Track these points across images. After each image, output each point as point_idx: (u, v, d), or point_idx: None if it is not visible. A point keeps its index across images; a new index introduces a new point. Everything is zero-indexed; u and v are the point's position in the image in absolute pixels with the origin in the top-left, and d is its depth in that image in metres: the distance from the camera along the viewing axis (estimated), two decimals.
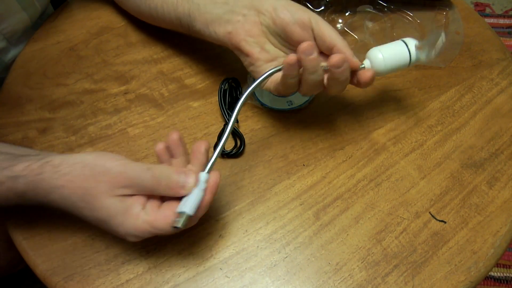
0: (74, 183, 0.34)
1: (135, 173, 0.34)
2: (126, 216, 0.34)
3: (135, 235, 0.35)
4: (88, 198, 0.34)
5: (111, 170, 0.34)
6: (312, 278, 0.39)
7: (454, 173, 0.45)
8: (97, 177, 0.34)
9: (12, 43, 0.57)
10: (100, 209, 0.34)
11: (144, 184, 0.34)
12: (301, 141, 0.48)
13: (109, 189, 0.34)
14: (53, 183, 0.35)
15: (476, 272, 0.39)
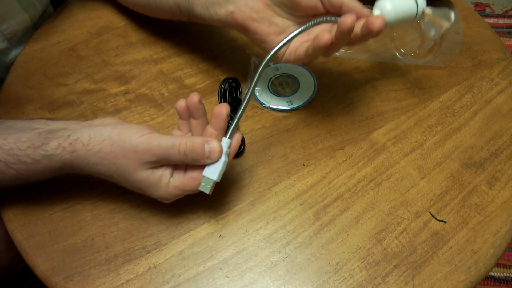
0: (107, 160, 0.37)
1: (161, 150, 0.36)
2: (159, 185, 0.37)
3: (169, 198, 0.38)
4: (122, 173, 0.37)
5: (137, 147, 0.36)
6: (312, 278, 0.39)
7: (454, 173, 0.45)
8: (126, 154, 0.36)
9: (13, 44, 0.57)
10: (135, 181, 0.37)
11: (172, 159, 0.37)
12: (301, 141, 0.48)
13: (140, 165, 0.37)
14: (88, 161, 0.37)
15: (476, 272, 0.39)
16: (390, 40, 0.57)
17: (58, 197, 0.43)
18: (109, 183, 0.44)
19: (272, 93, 0.51)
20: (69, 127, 0.39)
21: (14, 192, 0.44)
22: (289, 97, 0.51)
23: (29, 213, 0.42)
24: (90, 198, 0.43)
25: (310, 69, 0.53)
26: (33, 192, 0.44)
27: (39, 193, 0.44)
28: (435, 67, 0.55)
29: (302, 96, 0.51)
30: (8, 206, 0.43)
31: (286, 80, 0.53)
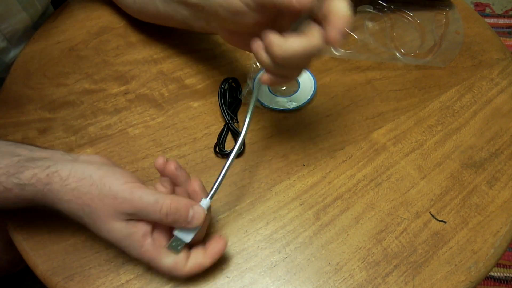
0: (81, 199, 0.34)
1: (142, 204, 0.34)
2: (130, 241, 0.34)
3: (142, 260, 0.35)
4: (94, 218, 0.35)
5: (117, 194, 0.34)
6: (312, 278, 0.39)
7: (454, 173, 0.45)
8: (104, 199, 0.34)
9: (13, 43, 0.57)
10: (105, 231, 0.35)
11: (150, 216, 0.34)
12: (301, 141, 0.48)
13: (114, 214, 0.34)
14: (61, 196, 0.35)
15: (476, 272, 0.39)
16: (390, 40, 0.57)
17: None
18: None
19: (272, 93, 0.51)
20: (53, 157, 0.37)
21: None
22: (289, 97, 0.51)
23: (29, 213, 0.42)
24: None
25: (310, 69, 0.53)
26: None
27: None
28: (435, 67, 0.55)
29: (302, 96, 0.51)
30: None
31: None
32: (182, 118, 0.50)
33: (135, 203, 0.34)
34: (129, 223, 0.34)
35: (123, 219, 0.34)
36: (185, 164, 0.46)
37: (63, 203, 0.35)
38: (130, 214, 0.34)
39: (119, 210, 0.34)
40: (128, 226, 0.34)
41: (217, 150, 0.46)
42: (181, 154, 0.47)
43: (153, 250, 0.35)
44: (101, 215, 0.34)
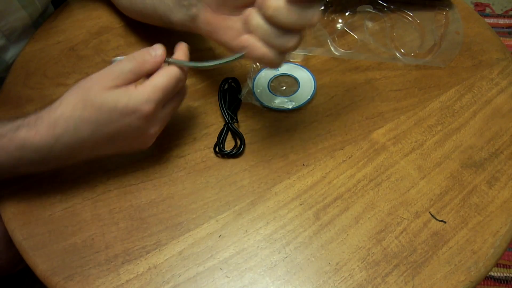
0: (70, 101, 0.37)
1: (116, 65, 0.37)
2: (128, 92, 0.36)
3: (146, 101, 0.37)
4: (89, 103, 0.36)
5: (94, 76, 0.37)
6: (312, 278, 0.39)
7: (454, 173, 0.45)
8: (86, 85, 0.37)
9: (11, 41, 0.57)
10: (104, 103, 0.36)
11: (128, 67, 0.37)
12: (301, 141, 0.48)
13: (102, 86, 0.36)
14: (53, 114, 0.37)
15: (476, 272, 0.39)
16: (390, 40, 0.57)
17: (58, 197, 0.43)
18: (109, 183, 0.44)
19: (272, 93, 0.51)
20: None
21: (14, 192, 0.44)
22: (289, 97, 0.51)
23: (29, 213, 0.42)
24: (90, 198, 0.43)
25: (310, 69, 0.53)
26: (33, 192, 0.44)
27: (39, 193, 0.44)
28: (435, 67, 0.55)
29: (302, 96, 0.51)
30: (8, 206, 0.43)
31: (286, 80, 0.53)
32: (182, 118, 0.50)
33: (111, 68, 0.37)
34: (118, 86, 0.37)
35: (111, 85, 0.36)
36: (185, 164, 0.46)
37: (58, 121, 0.37)
38: (114, 79, 0.37)
39: (104, 81, 0.36)
40: (118, 87, 0.37)
41: (217, 150, 0.46)
42: (181, 154, 0.47)
43: (146, 82, 0.38)
44: (92, 95, 0.36)
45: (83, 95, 0.37)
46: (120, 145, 0.40)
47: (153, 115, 0.38)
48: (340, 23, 0.58)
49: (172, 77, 0.38)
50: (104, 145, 0.39)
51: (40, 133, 0.37)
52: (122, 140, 0.39)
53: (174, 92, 0.40)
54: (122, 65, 0.37)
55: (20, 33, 0.58)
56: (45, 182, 0.44)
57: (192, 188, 0.44)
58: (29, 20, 0.57)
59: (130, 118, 0.37)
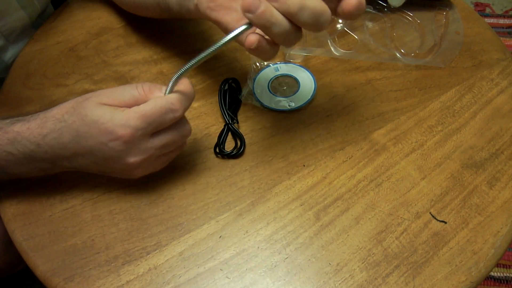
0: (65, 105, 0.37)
1: (123, 86, 0.37)
2: (113, 112, 0.36)
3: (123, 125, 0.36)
4: (77, 112, 0.36)
5: (99, 90, 0.37)
6: (313, 279, 0.39)
7: (454, 173, 0.45)
8: (87, 96, 0.37)
9: (10, 41, 0.57)
10: (89, 116, 0.36)
11: (132, 93, 0.37)
12: (301, 141, 0.48)
13: (97, 100, 0.36)
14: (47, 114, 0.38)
15: (477, 272, 0.39)
16: (390, 40, 0.57)
17: (58, 198, 0.43)
18: (109, 183, 0.44)
19: (272, 93, 0.51)
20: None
21: (14, 193, 0.44)
22: (289, 98, 0.51)
23: (29, 214, 0.42)
24: (90, 199, 0.43)
25: (310, 69, 0.53)
26: (33, 193, 0.44)
27: (39, 194, 0.44)
28: (435, 67, 0.55)
29: (302, 97, 0.51)
30: (8, 207, 0.43)
31: (286, 81, 0.53)
32: None
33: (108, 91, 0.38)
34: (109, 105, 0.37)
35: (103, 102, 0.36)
36: (185, 164, 0.46)
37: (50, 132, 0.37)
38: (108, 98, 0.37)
39: (98, 99, 0.36)
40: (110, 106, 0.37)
41: (217, 151, 0.46)
42: (181, 155, 0.46)
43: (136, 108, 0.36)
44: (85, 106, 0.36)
45: (77, 103, 0.37)
46: (100, 164, 0.38)
47: (131, 142, 0.36)
48: (340, 23, 0.58)
49: (158, 106, 0.36)
50: (84, 159, 0.38)
51: (31, 128, 0.37)
52: (101, 160, 0.38)
53: (163, 124, 0.37)
54: (128, 88, 0.37)
55: (19, 33, 0.58)
56: (45, 183, 0.44)
57: (193, 189, 0.44)
58: (28, 20, 0.57)
59: (106, 138, 0.36)
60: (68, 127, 0.37)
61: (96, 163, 0.38)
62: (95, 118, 0.36)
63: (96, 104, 0.36)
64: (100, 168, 0.40)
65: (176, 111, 0.37)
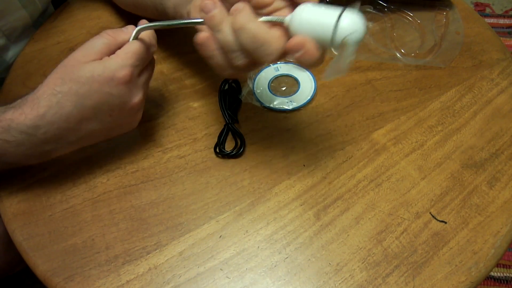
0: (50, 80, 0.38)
1: (89, 41, 0.38)
2: (102, 62, 0.37)
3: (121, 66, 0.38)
4: (67, 78, 0.37)
5: (70, 55, 0.38)
6: (313, 279, 0.39)
7: (454, 173, 0.45)
8: (64, 63, 0.38)
9: (12, 40, 0.57)
10: (82, 75, 0.37)
11: (101, 41, 0.38)
12: (301, 141, 0.48)
13: (77, 61, 0.37)
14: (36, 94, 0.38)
15: (477, 272, 0.39)
16: (390, 40, 0.57)
17: (58, 198, 0.43)
18: (109, 183, 0.44)
19: (272, 93, 0.51)
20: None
21: (14, 193, 0.44)
22: (289, 97, 0.51)
23: (29, 213, 0.42)
24: (90, 199, 0.43)
25: (310, 69, 0.53)
26: (33, 192, 0.44)
27: (39, 194, 0.44)
28: (435, 67, 0.55)
29: (302, 96, 0.51)
30: (8, 207, 0.43)
31: (286, 80, 0.53)
32: (182, 119, 0.50)
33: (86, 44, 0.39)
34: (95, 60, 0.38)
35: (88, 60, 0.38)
36: (185, 164, 0.46)
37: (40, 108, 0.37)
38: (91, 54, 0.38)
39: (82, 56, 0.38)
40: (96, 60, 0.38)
41: (217, 151, 0.46)
42: (181, 155, 0.47)
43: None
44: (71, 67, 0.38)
45: (61, 72, 0.38)
46: (107, 120, 0.40)
47: (131, 81, 0.39)
48: None
49: (142, 44, 0.39)
50: (91, 122, 0.39)
51: (25, 113, 0.37)
52: (108, 114, 0.39)
53: (147, 58, 0.41)
54: (96, 39, 0.38)
55: (21, 32, 0.58)
56: (45, 182, 0.44)
57: (193, 189, 0.44)
58: (29, 19, 0.57)
59: (109, 86, 0.37)
60: (66, 95, 0.37)
61: (102, 122, 0.39)
62: (90, 74, 0.37)
63: (81, 63, 0.37)
64: (107, 126, 0.40)
65: (155, 46, 0.41)
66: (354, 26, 0.30)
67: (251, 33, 0.32)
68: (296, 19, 0.32)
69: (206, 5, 0.34)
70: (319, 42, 0.32)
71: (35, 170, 0.45)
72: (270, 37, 0.33)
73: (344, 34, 0.30)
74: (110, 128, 0.41)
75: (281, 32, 0.33)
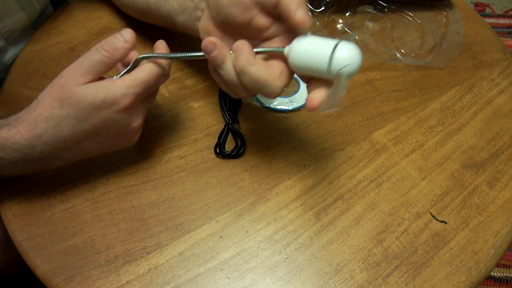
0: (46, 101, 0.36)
1: (85, 57, 0.36)
2: (104, 86, 0.36)
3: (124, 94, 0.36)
4: (66, 102, 0.35)
5: (64, 72, 0.36)
6: (313, 279, 0.39)
7: (454, 173, 0.45)
8: (59, 83, 0.36)
9: (10, 43, 0.57)
10: (81, 100, 0.35)
11: (97, 58, 0.36)
12: (302, 141, 0.48)
13: (75, 83, 0.35)
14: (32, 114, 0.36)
15: (477, 272, 0.39)
16: (390, 40, 0.57)
17: (58, 198, 0.43)
18: (109, 183, 0.44)
19: None
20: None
21: (14, 193, 0.44)
22: (289, 98, 0.51)
23: (29, 214, 0.42)
24: (90, 199, 0.43)
25: None
26: (33, 193, 0.44)
27: (39, 194, 0.44)
28: (436, 67, 0.55)
29: (302, 97, 0.51)
30: (8, 207, 0.43)
31: None
32: (183, 119, 0.49)
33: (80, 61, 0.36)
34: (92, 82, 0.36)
35: (84, 81, 0.36)
36: (186, 164, 0.46)
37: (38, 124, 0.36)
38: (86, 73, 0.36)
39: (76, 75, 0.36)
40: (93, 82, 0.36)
41: (217, 151, 0.46)
42: (182, 155, 0.47)
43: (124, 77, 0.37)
44: (67, 91, 0.35)
45: (58, 94, 0.36)
46: (103, 141, 0.39)
47: (133, 108, 0.38)
48: (340, 23, 0.58)
49: (153, 73, 0.38)
50: (87, 143, 0.38)
51: (21, 132, 0.36)
52: (105, 136, 0.39)
53: (155, 88, 0.40)
54: (91, 56, 0.36)
55: (19, 34, 0.58)
56: (45, 183, 0.44)
57: (193, 189, 0.44)
58: (27, 21, 0.57)
59: (109, 111, 0.36)
60: (65, 119, 0.36)
61: (98, 143, 0.39)
62: (90, 100, 0.36)
63: (79, 85, 0.36)
64: (102, 147, 0.40)
65: (167, 75, 0.40)
66: (350, 58, 0.31)
67: (251, 77, 0.34)
68: (294, 51, 0.33)
69: (207, 46, 0.35)
70: (317, 73, 0.33)
71: None
72: (271, 79, 0.34)
73: (340, 65, 0.31)
74: (106, 147, 0.40)
75: (281, 69, 0.35)
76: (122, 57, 0.37)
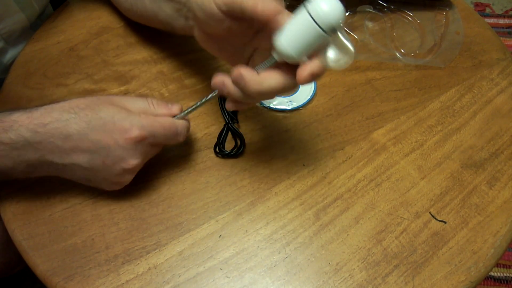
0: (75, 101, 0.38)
1: (134, 97, 0.40)
2: (128, 113, 0.38)
3: (141, 127, 0.38)
4: (91, 107, 0.38)
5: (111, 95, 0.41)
6: (312, 278, 0.39)
7: (454, 173, 0.45)
8: (99, 96, 0.39)
9: (10, 44, 0.57)
10: (103, 112, 0.37)
11: (143, 104, 0.40)
12: (301, 141, 0.48)
13: (110, 102, 0.38)
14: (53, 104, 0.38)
15: (476, 272, 0.39)
16: (390, 40, 0.57)
17: (58, 198, 0.43)
18: None
19: None
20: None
21: (14, 193, 0.44)
22: (289, 97, 0.51)
23: (29, 213, 0.42)
24: (90, 198, 0.43)
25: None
26: (33, 192, 0.44)
27: (39, 194, 0.44)
28: (435, 67, 0.55)
29: (302, 96, 0.51)
30: (8, 207, 0.43)
31: None
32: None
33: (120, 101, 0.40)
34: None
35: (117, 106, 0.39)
36: (185, 164, 0.46)
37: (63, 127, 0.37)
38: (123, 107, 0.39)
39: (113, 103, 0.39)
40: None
41: (217, 150, 0.46)
42: (182, 154, 0.47)
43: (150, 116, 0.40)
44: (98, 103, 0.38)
45: (91, 101, 0.38)
46: (97, 164, 0.38)
47: (140, 144, 0.38)
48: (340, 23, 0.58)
49: (175, 126, 0.40)
50: (81, 157, 0.38)
51: (31, 117, 0.37)
52: (100, 160, 0.38)
53: (168, 141, 0.41)
54: (140, 100, 0.40)
55: (19, 35, 0.58)
56: (45, 182, 0.44)
57: (192, 188, 0.44)
58: (27, 22, 0.57)
59: (119, 134, 0.37)
60: (78, 119, 0.37)
61: (91, 163, 0.38)
62: (110, 115, 0.37)
63: (111, 104, 0.38)
64: (92, 171, 0.39)
65: (182, 137, 0.41)
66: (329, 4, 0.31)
67: (269, 91, 0.35)
68: (279, 48, 0.33)
69: (215, 84, 0.37)
70: (314, 45, 0.33)
71: None
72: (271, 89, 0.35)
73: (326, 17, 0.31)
74: (94, 175, 0.39)
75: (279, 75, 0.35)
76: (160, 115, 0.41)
